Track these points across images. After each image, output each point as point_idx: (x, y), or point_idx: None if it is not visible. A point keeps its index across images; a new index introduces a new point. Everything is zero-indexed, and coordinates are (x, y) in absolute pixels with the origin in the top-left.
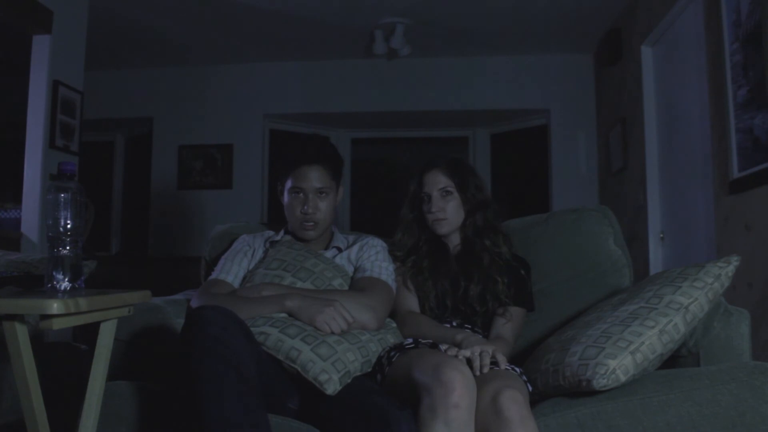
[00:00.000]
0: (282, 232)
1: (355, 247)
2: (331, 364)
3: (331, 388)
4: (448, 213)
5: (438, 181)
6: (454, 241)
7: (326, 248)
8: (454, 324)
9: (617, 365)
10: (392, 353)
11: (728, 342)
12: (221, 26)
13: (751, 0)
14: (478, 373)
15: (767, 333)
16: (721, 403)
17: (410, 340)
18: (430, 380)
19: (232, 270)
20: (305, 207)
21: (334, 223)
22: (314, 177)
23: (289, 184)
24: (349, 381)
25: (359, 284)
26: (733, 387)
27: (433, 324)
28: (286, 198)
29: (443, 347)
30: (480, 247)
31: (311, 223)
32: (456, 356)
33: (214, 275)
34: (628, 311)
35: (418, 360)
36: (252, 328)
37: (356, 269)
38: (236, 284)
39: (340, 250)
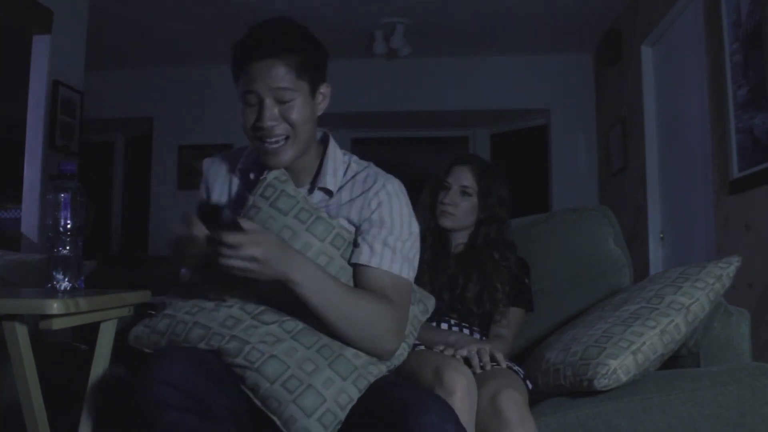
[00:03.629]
0: (242, 160)
1: (359, 200)
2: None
3: None
4: (459, 210)
5: (464, 178)
6: (458, 240)
7: (310, 188)
8: (452, 322)
9: (618, 365)
10: None
11: (728, 342)
12: (221, 26)
13: (751, 0)
14: (478, 370)
15: (767, 333)
16: (722, 404)
17: None
18: (430, 382)
19: None
20: (259, 118)
21: (313, 137)
22: (270, 75)
23: (241, 87)
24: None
25: (372, 282)
26: (734, 388)
27: (426, 326)
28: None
29: (438, 348)
30: (486, 257)
31: (272, 140)
32: (453, 356)
33: None
34: (629, 311)
35: (417, 360)
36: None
37: (359, 235)
38: None
39: (328, 193)
